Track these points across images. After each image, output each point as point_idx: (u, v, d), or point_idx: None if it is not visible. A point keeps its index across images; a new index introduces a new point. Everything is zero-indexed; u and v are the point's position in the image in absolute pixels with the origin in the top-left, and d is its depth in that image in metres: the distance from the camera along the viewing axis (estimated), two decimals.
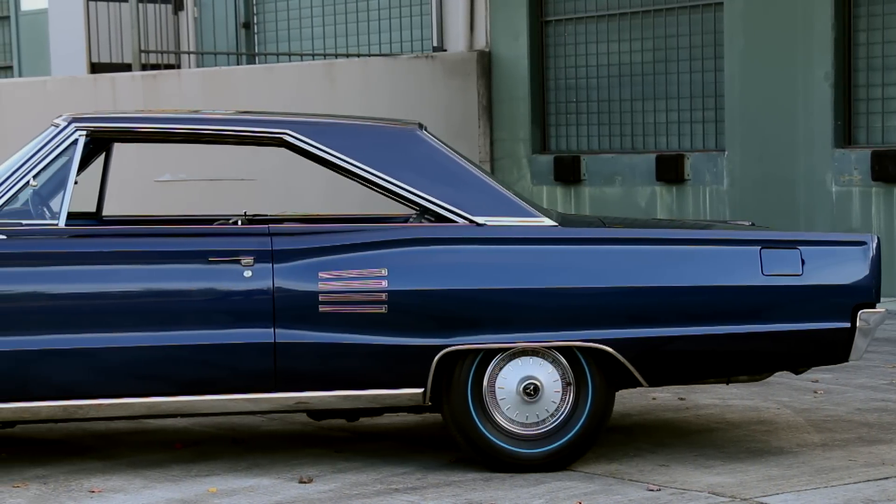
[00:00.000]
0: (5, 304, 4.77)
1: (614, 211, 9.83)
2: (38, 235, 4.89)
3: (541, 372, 5.01)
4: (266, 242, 4.92)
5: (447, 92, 10.20)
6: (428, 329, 4.90)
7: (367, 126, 5.37)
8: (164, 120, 5.33)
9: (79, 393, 4.81)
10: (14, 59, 14.14)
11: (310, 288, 4.87)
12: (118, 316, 4.82)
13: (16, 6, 14.16)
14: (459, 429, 4.98)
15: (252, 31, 12.41)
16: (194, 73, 10.35)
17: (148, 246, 4.94)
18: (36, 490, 4.78)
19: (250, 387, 4.90)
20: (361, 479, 4.92)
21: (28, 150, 5.02)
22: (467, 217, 5.05)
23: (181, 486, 4.83)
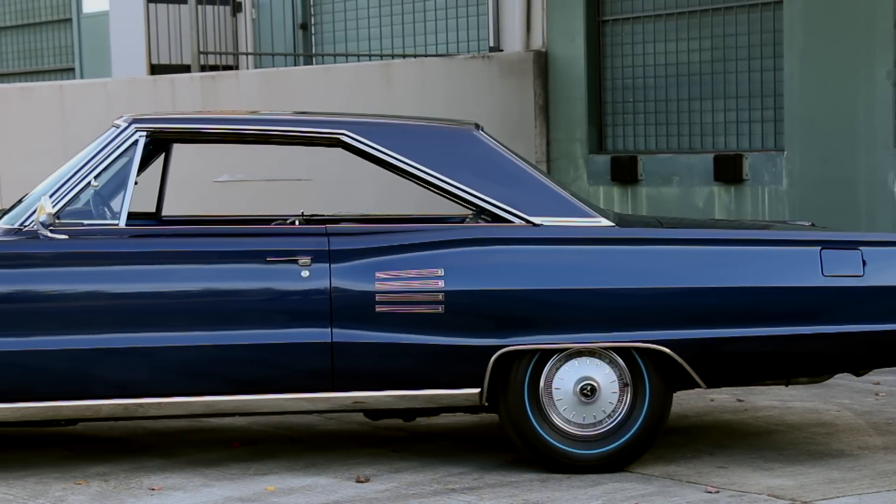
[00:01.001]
0: (67, 303, 4.83)
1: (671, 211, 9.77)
2: (99, 235, 4.95)
3: (598, 373, 4.99)
4: (323, 242, 4.94)
5: (503, 92, 10.17)
6: (484, 329, 4.90)
7: (423, 126, 5.38)
8: (222, 121, 5.38)
9: (139, 391, 4.85)
10: (76, 61, 14.30)
11: (367, 288, 4.88)
12: (177, 315, 4.86)
13: (78, 9, 14.32)
14: (516, 429, 4.98)
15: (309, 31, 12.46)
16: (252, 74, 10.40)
17: (206, 246, 4.97)
18: (97, 487, 4.83)
19: (308, 386, 4.92)
20: (418, 479, 4.93)
21: (89, 151, 5.07)
22: (524, 217, 5.04)
23: (239, 485, 4.86)
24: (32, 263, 4.85)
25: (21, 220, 4.92)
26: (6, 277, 4.81)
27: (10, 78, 14.91)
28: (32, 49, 14.94)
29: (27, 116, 9.29)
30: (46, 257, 4.86)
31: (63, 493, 4.76)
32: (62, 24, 14.55)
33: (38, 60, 14.89)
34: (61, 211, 4.91)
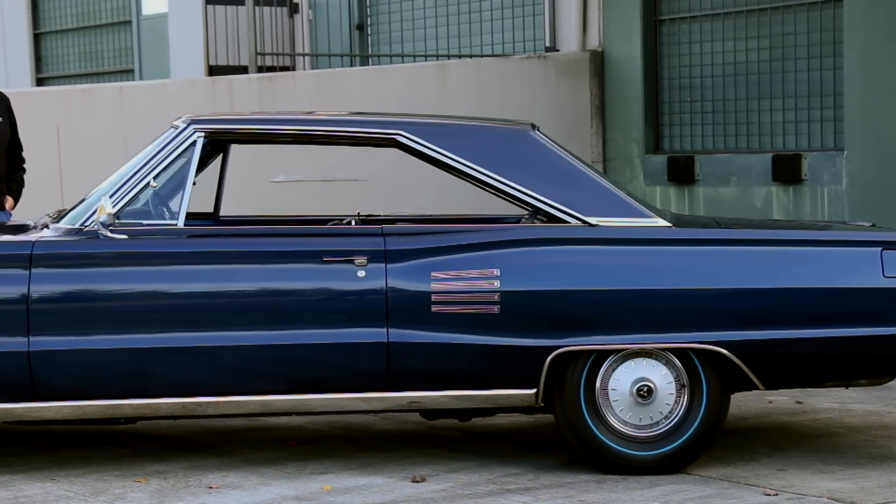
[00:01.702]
0: (127, 302, 4.87)
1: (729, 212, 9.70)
2: (158, 236, 4.99)
3: (654, 374, 4.97)
4: (379, 242, 4.95)
5: (559, 92, 10.15)
6: (540, 330, 4.89)
7: (479, 126, 5.38)
8: (279, 121, 5.41)
9: (197, 390, 4.89)
10: (135, 63, 14.44)
11: (422, 288, 4.89)
12: (235, 315, 4.89)
13: (137, 11, 14.46)
14: (572, 430, 4.96)
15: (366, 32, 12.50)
16: (309, 75, 10.45)
17: (264, 246, 5.00)
18: (156, 485, 4.87)
19: (364, 386, 4.93)
20: (474, 479, 4.93)
21: (148, 152, 5.12)
22: (580, 217, 5.03)
23: (296, 484, 4.89)
24: (93, 263, 4.90)
25: (82, 221, 4.98)
26: (67, 277, 4.87)
27: (71, 79, 15.09)
28: (93, 51, 15.10)
29: (88, 117, 9.39)
30: (106, 257, 4.90)
31: (123, 490, 4.80)
32: (122, 26, 14.70)
33: (98, 62, 15.05)
34: (121, 211, 4.95)
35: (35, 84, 15.34)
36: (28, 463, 5.20)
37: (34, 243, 4.90)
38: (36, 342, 4.79)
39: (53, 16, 15.51)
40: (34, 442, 5.60)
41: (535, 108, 9.75)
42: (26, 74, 15.42)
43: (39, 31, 15.61)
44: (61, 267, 4.88)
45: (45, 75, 15.53)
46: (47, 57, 15.61)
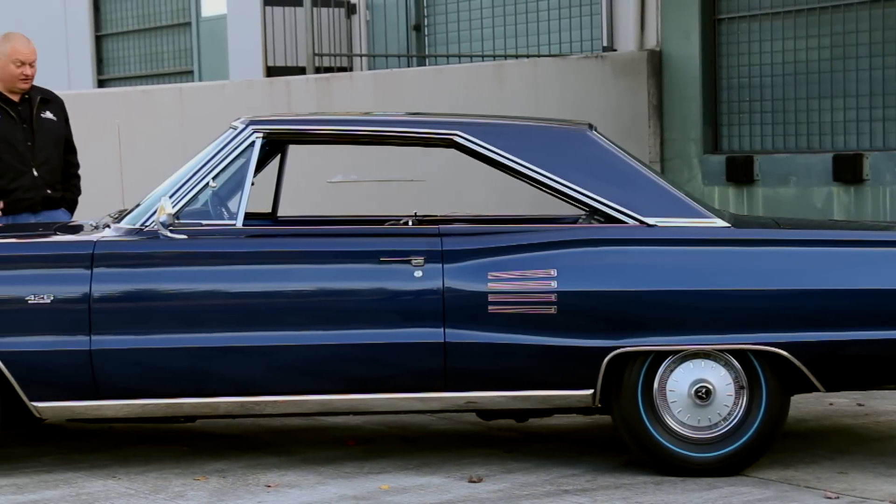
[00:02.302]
0: (186, 302, 4.91)
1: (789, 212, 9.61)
2: (217, 235, 5.02)
3: (713, 375, 4.93)
4: (436, 243, 4.96)
5: (617, 92, 10.11)
6: (597, 330, 4.87)
7: (536, 127, 5.37)
8: (336, 122, 5.43)
9: (255, 389, 4.92)
10: (194, 64, 14.56)
11: (479, 288, 4.89)
12: (293, 314, 4.92)
13: (196, 13, 14.58)
14: (629, 431, 4.94)
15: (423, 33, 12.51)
16: (366, 76, 10.48)
17: (321, 246, 5.02)
18: (216, 483, 4.91)
19: (421, 386, 4.94)
20: (531, 480, 4.92)
21: (208, 153, 5.15)
22: (638, 218, 5.01)
23: (353, 483, 4.91)
24: (153, 263, 4.94)
25: (142, 221, 5.03)
26: (128, 277, 4.92)
27: (132, 81, 15.24)
28: (153, 52, 15.25)
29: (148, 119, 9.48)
30: (166, 257, 4.95)
31: (182, 488, 4.84)
32: (181, 27, 14.83)
33: (158, 64, 15.19)
34: (181, 211, 5.00)
35: (96, 86, 15.51)
36: (90, 460, 5.26)
37: (96, 243, 4.95)
38: (97, 341, 4.85)
39: (115, 18, 15.68)
40: (96, 440, 5.66)
41: (592, 108, 9.72)
42: (88, 76, 15.60)
43: (101, 34, 15.78)
44: (122, 266, 4.92)
45: (106, 77, 15.70)
46: (109, 59, 15.78)
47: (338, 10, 12.32)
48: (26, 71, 6.03)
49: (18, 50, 6.04)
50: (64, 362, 4.84)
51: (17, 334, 4.84)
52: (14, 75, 6.02)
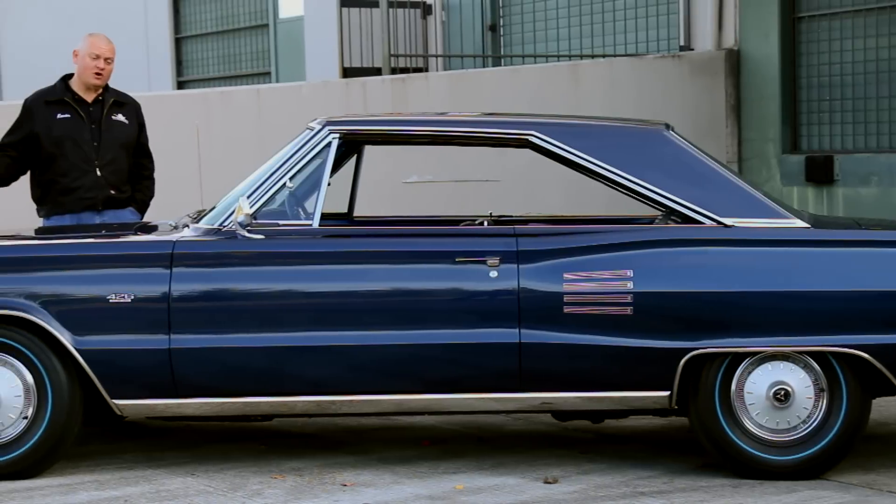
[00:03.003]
0: (263, 301, 4.95)
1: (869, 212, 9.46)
2: (294, 236, 5.06)
3: (792, 377, 4.88)
4: (511, 243, 4.95)
5: (694, 91, 10.03)
6: (674, 332, 4.84)
7: (612, 127, 5.34)
8: (412, 122, 5.44)
9: (331, 389, 4.95)
10: (272, 65, 14.69)
11: (555, 289, 4.88)
12: (368, 314, 4.94)
13: (274, 14, 14.70)
14: (707, 433, 4.90)
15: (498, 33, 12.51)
16: (441, 76, 10.50)
17: (397, 246, 5.04)
18: (292, 482, 4.95)
19: (496, 386, 4.94)
20: (606, 482, 4.90)
21: (285, 153, 5.19)
22: (715, 218, 4.96)
23: (428, 483, 4.92)
24: (231, 263, 4.99)
25: (220, 221, 5.08)
26: (206, 276, 4.97)
27: (210, 82, 15.41)
28: (231, 54, 15.40)
29: (227, 119, 9.58)
30: (244, 257, 4.99)
31: (260, 486, 4.89)
32: (259, 29, 14.96)
33: (236, 65, 15.34)
34: (258, 211, 5.04)
35: (176, 87, 15.70)
36: (169, 458, 5.33)
37: (175, 243, 5.01)
38: (176, 340, 4.90)
39: (194, 20, 15.86)
40: (175, 437, 5.73)
41: (668, 107, 9.65)
42: (167, 78, 15.80)
43: (180, 36, 15.97)
44: (201, 266, 4.98)
45: (185, 78, 15.88)
46: (188, 60, 15.97)
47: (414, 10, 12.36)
48: (100, 64, 6.13)
49: (96, 44, 6.16)
50: (144, 361, 4.90)
51: (98, 333, 4.91)
52: (88, 68, 6.13)
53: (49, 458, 4.99)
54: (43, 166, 6.13)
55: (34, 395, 4.94)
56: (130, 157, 6.26)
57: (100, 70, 6.13)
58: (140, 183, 6.30)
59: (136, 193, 6.28)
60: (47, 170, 6.12)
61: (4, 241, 5.26)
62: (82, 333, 4.89)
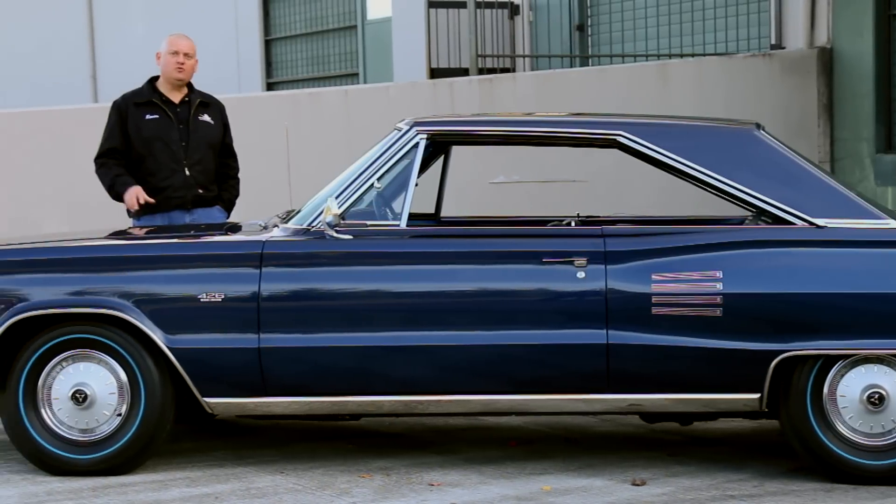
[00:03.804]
0: (351, 301, 4.98)
1: None
2: (382, 236, 5.08)
3: (886, 380, 4.79)
4: (599, 244, 4.93)
5: (785, 91, 9.90)
6: (764, 333, 4.78)
7: (702, 127, 5.29)
8: (499, 123, 5.44)
9: (419, 389, 4.96)
10: (360, 67, 14.77)
11: (643, 289, 4.84)
12: (456, 314, 4.94)
13: (362, 16, 14.79)
14: (798, 437, 4.84)
15: (586, 33, 12.45)
16: (528, 77, 10.49)
17: (484, 246, 5.04)
18: (380, 481, 4.97)
19: (583, 387, 4.92)
20: (695, 484, 4.85)
21: (373, 154, 5.22)
22: (806, 219, 4.90)
23: (515, 484, 4.91)
24: (319, 263, 5.03)
25: (309, 221, 5.12)
26: (295, 276, 5.01)
27: (299, 84, 15.55)
28: (320, 55, 15.52)
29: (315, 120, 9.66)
30: (332, 257, 5.03)
31: (347, 485, 4.92)
32: (347, 31, 15.06)
33: (325, 67, 15.45)
34: (346, 212, 5.07)
35: (265, 89, 15.86)
36: (258, 456, 5.38)
37: (264, 243, 5.06)
38: (266, 339, 4.95)
39: (284, 22, 16.01)
40: (264, 435, 5.79)
41: (759, 107, 9.54)
42: (257, 79, 15.96)
43: (270, 38, 16.13)
44: (290, 266, 5.02)
45: (274, 80, 16.04)
46: (277, 62, 16.12)
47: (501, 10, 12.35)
48: (180, 59, 6.22)
49: (174, 42, 6.27)
50: (234, 360, 4.96)
51: (190, 332, 4.97)
52: (170, 64, 6.23)
53: (142, 454, 5.06)
54: (133, 167, 6.23)
55: (128, 393, 5.02)
56: (216, 157, 6.34)
57: (180, 64, 6.22)
58: (226, 182, 6.38)
59: (222, 192, 6.36)
60: (137, 170, 6.22)
61: (99, 242, 5.35)
62: (174, 332, 4.96)
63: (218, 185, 6.35)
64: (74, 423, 5.04)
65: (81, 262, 5.09)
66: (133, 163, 6.22)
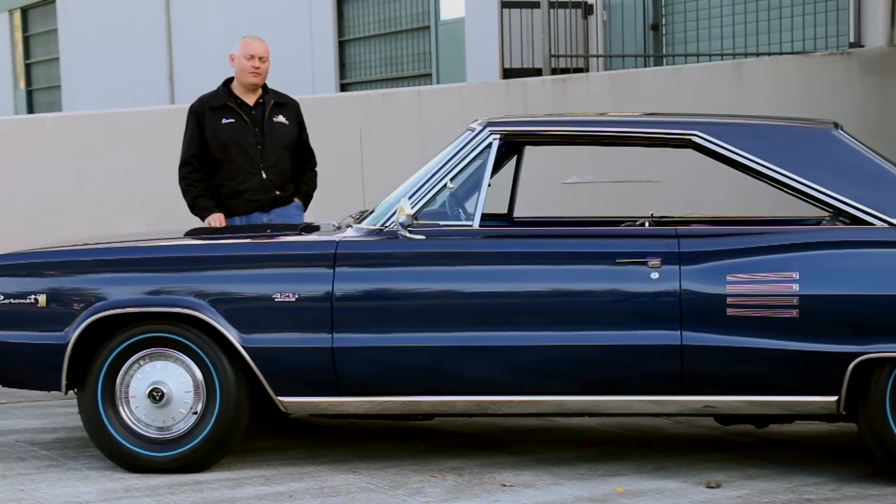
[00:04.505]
0: (424, 301, 4.99)
1: None
2: (455, 236, 5.08)
3: None
4: (673, 244, 4.89)
5: (864, 90, 9.76)
6: (842, 335, 4.72)
7: (778, 126, 5.24)
8: (573, 123, 5.42)
9: (491, 389, 4.96)
10: (433, 67, 14.81)
11: (718, 291, 4.80)
12: (528, 315, 4.93)
13: (436, 16, 14.82)
14: (877, 440, 4.77)
15: (660, 32, 12.38)
16: (602, 77, 10.44)
17: (557, 247, 5.02)
18: (452, 481, 4.98)
19: (656, 388, 4.89)
20: (771, 487, 4.80)
21: (446, 154, 5.23)
22: (886, 219, 4.83)
23: (588, 485, 4.89)
24: (392, 263, 5.04)
25: (382, 221, 5.13)
26: (368, 276, 5.03)
27: (373, 84, 15.62)
28: (393, 56, 15.58)
29: (388, 121, 9.70)
30: (405, 257, 5.04)
31: (420, 484, 4.93)
32: (421, 31, 15.10)
33: (398, 67, 15.51)
34: (419, 212, 5.08)
35: (339, 89, 15.95)
36: (332, 455, 5.41)
37: (338, 243, 5.09)
38: (339, 339, 4.98)
39: (357, 23, 16.09)
40: (338, 434, 5.82)
41: (837, 106, 9.41)
42: (331, 80, 16.07)
43: (344, 39, 16.22)
44: (363, 266, 5.04)
45: (348, 81, 16.13)
46: (351, 63, 16.21)
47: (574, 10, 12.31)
48: (255, 63, 6.27)
49: (249, 45, 6.33)
50: (308, 359, 4.99)
51: (264, 331, 5.01)
52: (245, 68, 6.28)
53: (217, 452, 5.11)
54: (211, 171, 6.29)
55: (203, 392, 5.07)
56: (291, 157, 6.39)
57: (256, 69, 6.28)
58: (304, 174, 6.45)
59: (300, 186, 6.42)
60: (215, 174, 6.28)
61: (176, 241, 5.41)
62: (249, 331, 5.00)
63: (295, 178, 6.41)
64: (151, 420, 5.10)
65: (158, 261, 5.16)
66: (211, 167, 6.29)
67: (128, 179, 10.22)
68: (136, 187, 10.13)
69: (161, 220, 9.22)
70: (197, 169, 6.28)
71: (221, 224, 6.18)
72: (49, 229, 9.66)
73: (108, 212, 10.14)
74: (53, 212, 10.26)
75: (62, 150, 10.48)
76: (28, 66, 22.57)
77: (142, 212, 9.97)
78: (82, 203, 10.28)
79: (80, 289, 5.09)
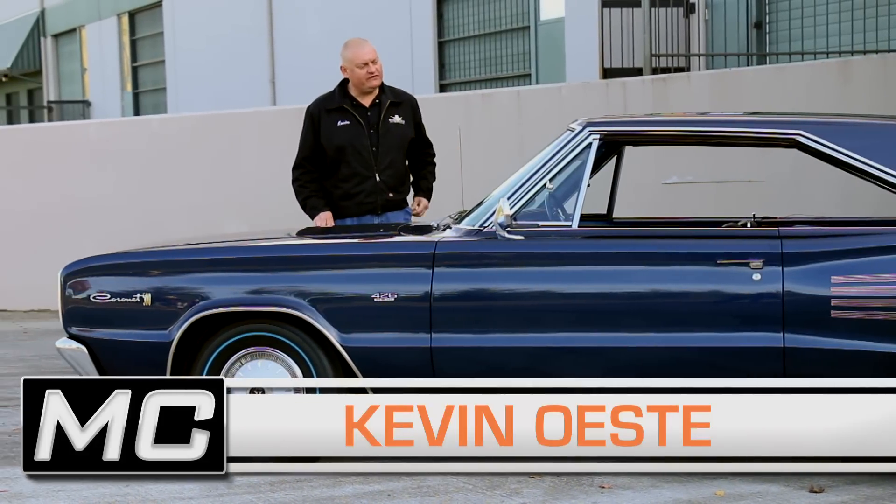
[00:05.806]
0: (522, 302, 4.99)
1: None
2: (553, 237, 5.07)
3: None
4: (776, 245, 4.83)
5: None
6: None
7: (885, 126, 5.14)
8: (673, 123, 5.38)
9: None
10: (532, 67, 14.78)
11: (822, 292, 4.73)
12: (627, 316, 4.90)
13: (535, 16, 14.80)
14: None
15: (763, 30, 12.21)
16: (703, 76, 10.33)
17: (657, 248, 4.98)
18: (550, 482, 4.96)
19: None
20: (876, 493, 4.71)
21: (545, 155, 5.21)
22: None
23: (688, 487, 4.85)
24: (491, 263, 5.05)
25: (481, 222, 5.14)
26: (467, 276, 5.04)
27: (472, 85, 15.64)
28: (493, 56, 15.58)
29: (487, 121, 9.70)
30: (504, 257, 5.04)
31: (518, 485, 4.92)
32: (520, 31, 15.08)
33: (497, 68, 15.51)
34: (518, 213, 5.07)
35: (438, 90, 16.00)
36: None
37: (437, 243, 5.10)
38: (437, 339, 4.99)
39: (457, 24, 16.13)
40: None
41: None
42: (431, 81, 16.12)
43: (443, 40, 16.27)
44: (461, 266, 5.05)
45: (447, 81, 16.17)
46: (450, 64, 16.25)
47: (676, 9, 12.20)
48: (371, 69, 6.29)
49: (358, 54, 6.31)
50: (406, 358, 5.01)
51: (363, 331, 5.05)
52: (361, 77, 6.30)
53: None
54: (326, 173, 6.34)
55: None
56: (406, 156, 6.42)
57: (371, 74, 6.30)
58: (424, 169, 6.50)
59: (420, 182, 6.47)
60: (330, 176, 6.33)
61: (276, 242, 5.48)
62: (348, 331, 5.04)
63: (417, 173, 6.46)
64: None
65: (260, 261, 5.22)
66: (326, 169, 6.34)
67: (230, 179, 10.37)
68: (240, 187, 10.27)
69: (261, 220, 9.32)
70: (309, 171, 6.34)
71: (329, 223, 6.23)
72: (151, 228, 9.83)
73: (210, 211, 10.30)
74: (157, 212, 10.44)
75: (166, 151, 10.66)
76: (135, 69, 23.02)
77: (244, 211, 10.11)
78: (185, 203, 10.45)
79: (183, 288, 5.17)
